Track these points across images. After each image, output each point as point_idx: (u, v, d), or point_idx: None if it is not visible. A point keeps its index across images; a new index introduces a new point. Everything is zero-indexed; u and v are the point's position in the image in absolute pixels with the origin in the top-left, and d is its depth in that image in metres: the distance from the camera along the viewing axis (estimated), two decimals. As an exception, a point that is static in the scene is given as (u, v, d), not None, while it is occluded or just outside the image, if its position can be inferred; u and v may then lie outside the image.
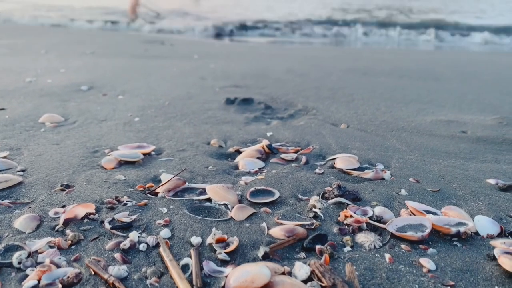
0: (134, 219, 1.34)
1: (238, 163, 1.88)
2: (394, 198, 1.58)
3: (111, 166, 1.76)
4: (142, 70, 4.02)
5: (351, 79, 3.98)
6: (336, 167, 1.85)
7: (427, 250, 1.26)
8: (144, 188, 1.57)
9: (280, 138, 2.23)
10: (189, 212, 1.41)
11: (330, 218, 1.41)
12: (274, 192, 1.56)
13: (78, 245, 1.21)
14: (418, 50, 7.62)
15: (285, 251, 1.23)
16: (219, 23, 9.70)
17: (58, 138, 2.09)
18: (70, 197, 1.47)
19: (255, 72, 4.20)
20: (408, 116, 2.71)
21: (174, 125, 2.39)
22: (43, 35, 6.72)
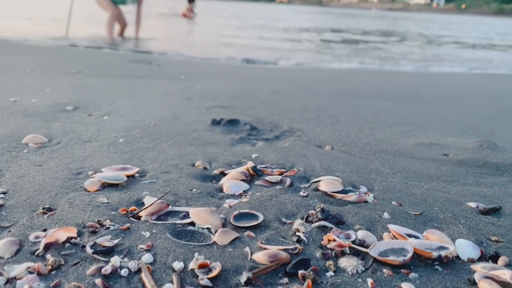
0: (116, 244, 1.32)
1: (222, 186, 1.89)
2: (377, 222, 1.59)
3: (94, 188, 1.75)
4: (128, 90, 4.02)
5: (336, 100, 4.04)
6: (320, 190, 1.86)
7: (408, 274, 1.27)
8: (127, 212, 1.56)
9: (265, 160, 2.24)
10: (172, 236, 1.41)
11: (314, 242, 1.42)
12: (258, 215, 1.56)
13: (58, 270, 1.19)
14: (402, 72, 7.76)
15: (268, 277, 1.22)
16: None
17: (41, 160, 2.08)
18: (52, 221, 1.46)
19: (242, 93, 4.24)
20: (391, 138, 2.75)
21: (159, 146, 2.39)
22: (28, 53, 6.69)
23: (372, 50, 11.80)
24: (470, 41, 16.49)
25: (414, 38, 16.95)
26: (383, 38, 16.06)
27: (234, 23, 17.76)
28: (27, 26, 11.61)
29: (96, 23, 12.72)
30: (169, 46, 9.43)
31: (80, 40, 9.55)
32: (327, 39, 14.08)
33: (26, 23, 12.44)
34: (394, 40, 15.36)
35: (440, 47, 13.65)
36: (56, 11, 15.72)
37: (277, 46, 10.83)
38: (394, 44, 13.86)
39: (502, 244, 1.49)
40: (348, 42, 13.66)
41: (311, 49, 11.08)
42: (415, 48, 12.65)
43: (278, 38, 13.02)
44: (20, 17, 13.93)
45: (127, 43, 9.41)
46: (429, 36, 18.00)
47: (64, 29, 9.98)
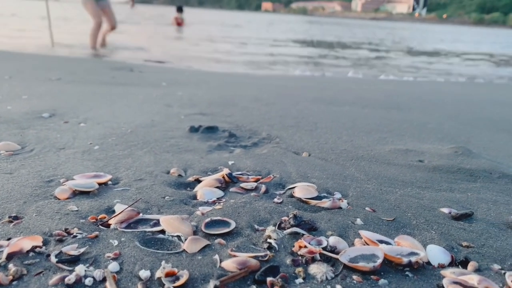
0: (82, 252, 1.30)
1: (196, 193, 1.87)
2: (349, 228, 1.59)
3: (65, 196, 1.71)
4: (107, 97, 3.98)
5: (316, 108, 4.05)
6: (295, 196, 1.86)
7: (378, 280, 1.26)
8: (96, 220, 1.53)
9: (241, 166, 2.23)
10: (141, 244, 1.38)
11: (285, 248, 1.41)
12: (230, 222, 1.55)
13: (20, 280, 1.16)
14: (382, 80, 7.85)
15: (236, 284, 1.21)
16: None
17: (12, 167, 2.03)
18: (17, 229, 1.42)
19: (223, 100, 4.23)
20: (368, 145, 2.77)
21: (135, 153, 2.36)
22: (8, 60, 6.59)
23: (353, 60, 11.94)
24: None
25: (394, 47, 17.18)
26: (363, 47, 16.26)
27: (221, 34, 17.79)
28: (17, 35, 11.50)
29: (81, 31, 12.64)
30: (154, 55, 9.38)
31: (64, 47, 9.49)
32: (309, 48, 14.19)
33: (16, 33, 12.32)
34: (372, 49, 15.57)
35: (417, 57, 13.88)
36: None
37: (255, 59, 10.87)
38: (374, 53, 14.05)
39: (472, 250, 1.50)
40: (329, 51, 13.79)
41: (294, 60, 11.16)
42: (395, 58, 12.83)
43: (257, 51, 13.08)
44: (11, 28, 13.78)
45: (110, 53, 9.36)
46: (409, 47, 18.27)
47: (49, 39, 9.88)
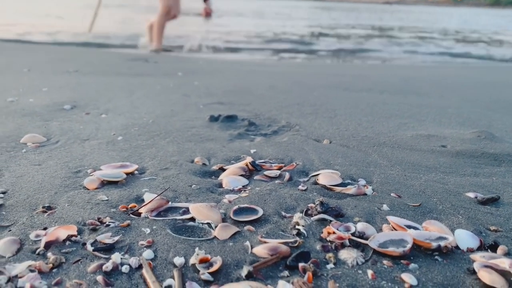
0: (116, 241, 1.33)
1: (222, 181, 1.89)
2: (376, 214, 1.60)
3: (94, 186, 1.75)
4: (126, 88, 4.01)
5: (333, 94, 4.04)
6: (319, 183, 1.87)
7: (408, 265, 1.27)
8: (127, 209, 1.57)
9: (263, 155, 2.24)
10: (172, 232, 1.41)
11: (313, 235, 1.42)
12: (258, 209, 1.57)
13: (59, 268, 1.20)
14: (398, 65, 7.77)
15: (269, 270, 1.23)
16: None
17: (40, 159, 2.08)
18: (52, 219, 1.46)
19: (239, 89, 4.23)
20: (389, 131, 2.76)
21: (158, 143, 2.39)
22: (25, 53, 6.67)
23: (367, 44, 11.81)
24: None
25: (408, 30, 16.93)
26: (378, 32, 16.06)
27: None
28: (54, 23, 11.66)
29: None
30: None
31: (101, 38, 9.61)
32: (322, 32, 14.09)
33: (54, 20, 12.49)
34: (388, 34, 15.37)
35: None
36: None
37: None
38: (389, 38, 13.88)
39: (501, 234, 1.49)
40: (341, 36, 13.66)
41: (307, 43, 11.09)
42: (409, 40, 12.66)
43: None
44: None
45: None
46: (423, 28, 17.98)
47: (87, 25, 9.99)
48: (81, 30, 10.05)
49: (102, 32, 10.29)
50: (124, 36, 10.02)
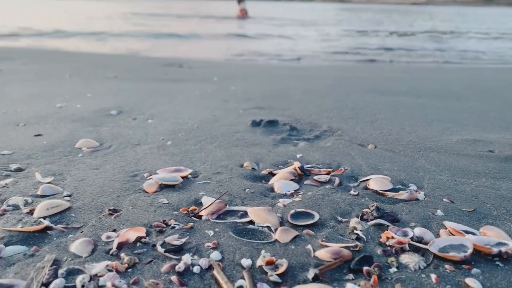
0: (184, 242, 1.39)
1: (273, 185, 1.93)
2: (431, 219, 1.61)
3: (153, 190, 1.82)
4: (166, 93, 4.12)
5: (371, 99, 4.04)
6: (369, 188, 1.89)
7: (471, 270, 1.29)
8: (187, 211, 1.63)
9: (310, 159, 2.28)
10: (235, 234, 1.46)
11: (372, 239, 1.45)
12: (314, 214, 1.60)
13: (134, 268, 1.26)
14: (432, 68, 7.67)
15: (333, 273, 1.26)
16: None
17: (97, 163, 2.17)
18: (119, 221, 1.53)
19: (275, 93, 4.28)
20: (433, 135, 2.75)
21: (206, 148, 2.46)
22: (65, 60, 6.90)
23: (399, 48, 11.70)
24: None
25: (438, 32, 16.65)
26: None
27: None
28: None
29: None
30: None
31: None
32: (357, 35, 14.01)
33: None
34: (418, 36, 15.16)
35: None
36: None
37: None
38: (421, 41, 13.70)
39: (560, 240, 1.48)
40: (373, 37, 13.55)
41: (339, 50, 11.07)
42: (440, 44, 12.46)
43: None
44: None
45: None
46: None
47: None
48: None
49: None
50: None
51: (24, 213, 1.59)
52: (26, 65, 6.16)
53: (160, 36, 13.10)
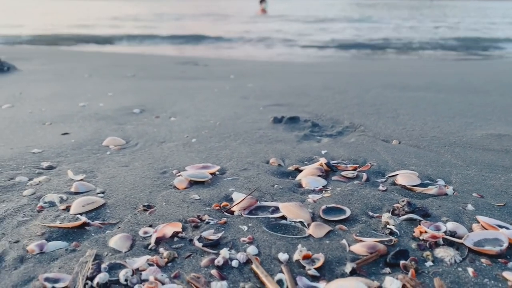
0: (220, 237, 1.41)
1: (301, 181, 1.95)
2: (462, 213, 1.61)
3: (183, 186, 1.85)
4: (185, 91, 4.15)
5: (390, 94, 4.02)
6: (398, 184, 1.90)
7: (507, 264, 1.29)
8: (220, 207, 1.65)
9: (335, 155, 2.29)
10: (268, 229, 1.48)
11: (405, 234, 1.46)
12: (345, 209, 1.62)
13: (173, 262, 1.29)
14: (450, 62, 7.60)
15: (370, 267, 1.28)
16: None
17: (126, 160, 2.20)
18: (155, 217, 1.56)
19: (293, 90, 4.29)
20: (457, 130, 2.74)
21: (230, 145, 2.48)
22: (81, 59, 6.98)
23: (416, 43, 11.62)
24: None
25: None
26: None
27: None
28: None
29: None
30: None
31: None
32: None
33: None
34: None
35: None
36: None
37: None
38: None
39: None
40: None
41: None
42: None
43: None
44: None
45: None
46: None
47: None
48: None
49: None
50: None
51: (60, 210, 1.63)
52: (45, 65, 6.25)
53: (190, 40, 12.92)
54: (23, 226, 1.50)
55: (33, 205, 1.67)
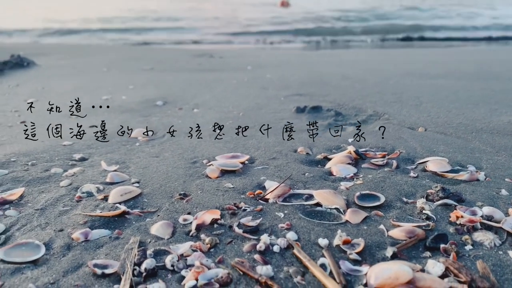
0: (258, 223, 1.44)
1: (331, 169, 1.96)
2: (496, 198, 1.61)
3: (215, 175, 1.87)
4: (204, 83, 4.17)
5: (411, 82, 4.00)
6: (428, 170, 1.90)
7: (547, 247, 1.29)
8: (254, 195, 1.67)
9: (362, 144, 2.29)
10: (305, 216, 1.50)
11: (442, 219, 1.47)
12: (379, 196, 1.63)
13: (216, 248, 1.32)
14: (469, 49, 7.52)
15: (410, 251, 1.29)
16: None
17: (155, 151, 2.24)
18: (192, 205, 1.59)
19: (312, 79, 4.29)
20: (482, 117, 2.72)
21: (256, 134, 2.50)
22: (97, 53, 7.04)
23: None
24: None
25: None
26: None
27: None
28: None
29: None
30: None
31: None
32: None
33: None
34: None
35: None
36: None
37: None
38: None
39: None
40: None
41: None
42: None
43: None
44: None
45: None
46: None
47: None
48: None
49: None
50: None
51: (99, 199, 1.67)
52: (62, 59, 6.31)
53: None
54: (65, 216, 1.54)
55: (71, 195, 1.71)
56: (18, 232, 1.44)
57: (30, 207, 1.61)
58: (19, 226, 1.47)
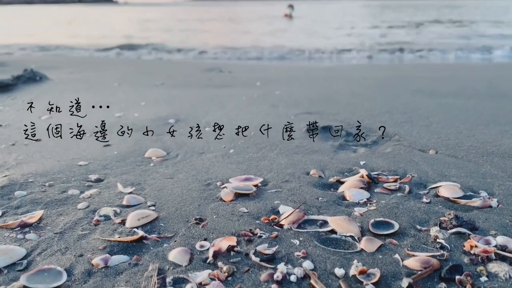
0: (274, 251, 1.46)
1: (344, 194, 1.98)
2: (510, 227, 1.63)
3: (230, 198, 1.90)
4: (215, 100, 4.22)
5: (420, 101, 4.02)
6: (441, 196, 1.92)
7: (562, 279, 1.30)
8: (269, 220, 1.70)
9: (374, 166, 2.31)
10: (320, 244, 1.52)
11: (456, 248, 1.48)
12: (393, 223, 1.65)
13: (233, 277, 1.34)
14: (476, 65, 7.53)
15: (425, 282, 1.31)
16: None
17: (169, 172, 2.27)
18: (208, 230, 1.62)
19: (322, 97, 4.32)
20: (493, 139, 2.74)
21: (268, 155, 2.53)
22: (108, 68, 7.12)
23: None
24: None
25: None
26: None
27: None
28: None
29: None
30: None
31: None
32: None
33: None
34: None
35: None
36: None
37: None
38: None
39: None
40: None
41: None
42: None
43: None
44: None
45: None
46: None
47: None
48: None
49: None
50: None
51: (116, 223, 1.70)
52: (74, 73, 6.39)
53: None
54: (83, 240, 1.57)
55: (89, 218, 1.75)
56: (39, 257, 1.47)
57: (49, 231, 1.65)
58: (39, 251, 1.51)
